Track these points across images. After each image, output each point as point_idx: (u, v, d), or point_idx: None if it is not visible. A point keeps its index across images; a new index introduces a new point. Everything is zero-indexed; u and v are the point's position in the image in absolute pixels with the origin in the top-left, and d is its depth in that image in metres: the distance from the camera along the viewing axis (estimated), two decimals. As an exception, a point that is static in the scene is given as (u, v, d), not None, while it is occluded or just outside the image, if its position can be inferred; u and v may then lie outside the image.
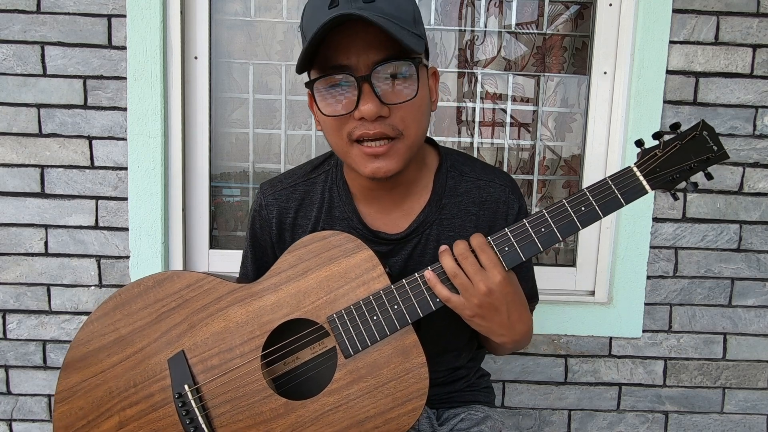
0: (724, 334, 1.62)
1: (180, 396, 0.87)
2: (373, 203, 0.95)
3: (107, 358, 0.90)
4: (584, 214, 0.80)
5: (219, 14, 1.57)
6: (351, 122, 0.80)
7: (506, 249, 0.81)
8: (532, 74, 1.64)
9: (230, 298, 0.88)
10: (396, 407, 0.84)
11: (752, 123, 1.54)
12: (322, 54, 0.78)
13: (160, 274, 0.91)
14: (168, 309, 0.89)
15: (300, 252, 0.87)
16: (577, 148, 1.66)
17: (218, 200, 1.65)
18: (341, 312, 0.85)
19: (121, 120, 1.48)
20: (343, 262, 0.86)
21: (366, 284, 0.85)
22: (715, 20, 1.49)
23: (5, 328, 1.55)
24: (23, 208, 1.51)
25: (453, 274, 0.80)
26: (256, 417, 0.86)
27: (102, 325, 0.90)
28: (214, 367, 0.87)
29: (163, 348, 0.89)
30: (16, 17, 1.44)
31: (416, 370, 0.84)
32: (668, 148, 0.81)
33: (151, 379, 0.89)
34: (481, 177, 0.97)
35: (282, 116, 1.62)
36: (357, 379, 0.84)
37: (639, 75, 1.50)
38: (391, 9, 0.77)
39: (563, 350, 1.62)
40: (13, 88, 1.46)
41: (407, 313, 0.83)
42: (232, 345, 0.87)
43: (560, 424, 1.66)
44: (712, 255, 1.58)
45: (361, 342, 0.84)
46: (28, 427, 1.60)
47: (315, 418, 0.85)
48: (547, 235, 0.80)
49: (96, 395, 0.90)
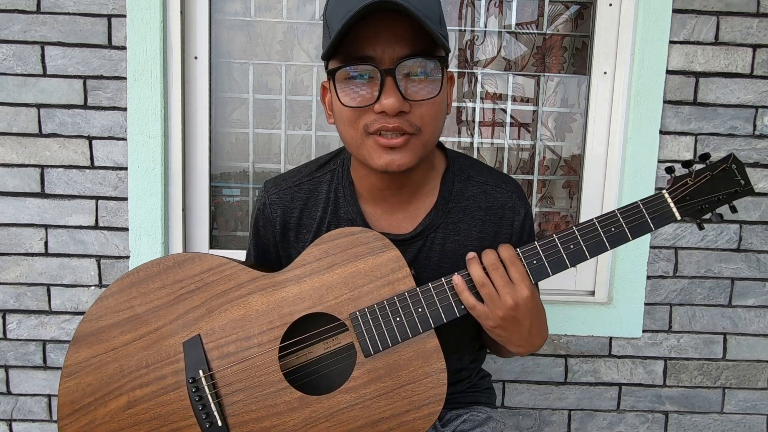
0: (724, 334, 1.62)
1: (194, 381, 0.85)
2: (380, 204, 0.94)
3: (120, 336, 0.87)
4: (613, 235, 0.81)
5: (219, 14, 1.57)
6: (369, 114, 0.79)
7: (534, 263, 0.82)
8: (532, 74, 1.64)
9: (252, 286, 0.87)
10: (412, 410, 0.83)
11: (752, 123, 1.54)
12: (346, 43, 0.77)
13: (181, 255, 0.89)
14: (187, 291, 0.87)
15: (326, 246, 0.86)
16: (577, 148, 1.66)
17: (218, 200, 1.65)
18: (364, 310, 0.84)
19: (121, 120, 1.48)
20: (370, 260, 0.85)
21: (391, 284, 0.84)
22: (715, 20, 1.49)
23: (5, 328, 1.55)
24: (23, 208, 1.51)
25: (481, 284, 0.80)
26: (269, 409, 0.85)
27: (117, 302, 0.88)
28: (230, 355, 0.86)
29: (179, 330, 0.87)
30: (16, 17, 1.44)
31: (435, 375, 0.83)
32: (699, 177, 0.83)
33: (164, 360, 0.87)
34: (488, 182, 0.97)
35: (282, 116, 1.62)
36: (375, 379, 0.84)
37: (639, 75, 1.50)
38: (421, 5, 0.75)
39: (563, 350, 1.62)
40: (13, 88, 1.46)
41: (431, 317, 0.83)
42: (250, 334, 0.86)
43: (560, 424, 1.66)
44: (712, 255, 1.58)
45: (382, 342, 0.83)
46: (28, 427, 1.60)
47: (330, 415, 0.84)
48: (576, 252, 0.82)
49: (105, 372, 0.87)
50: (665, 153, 1.54)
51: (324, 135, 1.63)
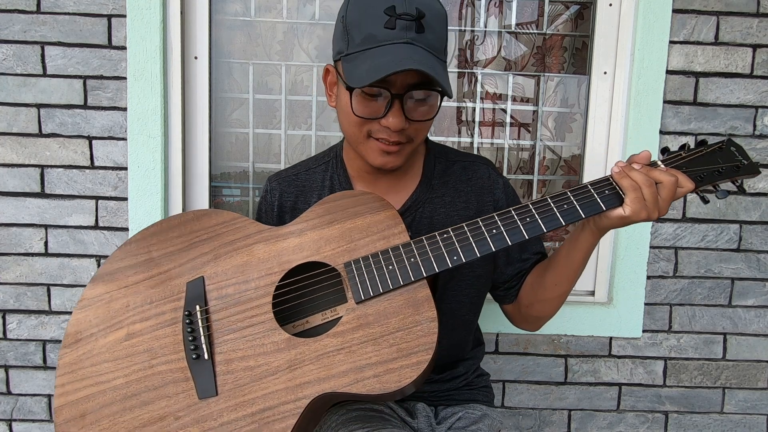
0: (724, 334, 1.62)
1: (189, 314, 0.89)
2: (370, 184, 1.04)
3: (133, 275, 0.93)
4: (607, 196, 0.84)
5: (219, 14, 1.57)
6: (374, 124, 0.90)
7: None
8: (532, 74, 1.64)
9: (258, 237, 0.93)
10: (400, 358, 0.82)
11: (752, 123, 1.54)
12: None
13: (201, 210, 0.98)
14: (199, 240, 0.94)
15: (328, 205, 0.93)
16: (577, 148, 1.66)
17: (218, 200, 1.65)
18: (359, 260, 0.87)
19: (121, 120, 1.48)
20: (368, 218, 0.90)
21: (386, 239, 0.89)
22: (715, 20, 1.49)
23: (5, 328, 1.55)
24: (23, 208, 1.51)
25: (648, 184, 0.81)
26: (256, 348, 0.86)
27: (138, 247, 0.95)
28: (228, 296, 0.90)
29: (186, 272, 0.92)
30: (16, 17, 1.44)
31: (426, 323, 0.83)
32: (692, 151, 0.85)
33: (167, 298, 0.91)
34: (465, 159, 1.09)
35: (282, 116, 1.62)
36: (363, 324, 0.84)
37: (639, 75, 1.50)
38: (435, 41, 0.87)
39: (563, 350, 1.62)
40: (13, 88, 1.46)
41: (423, 266, 0.85)
42: (249, 278, 0.90)
43: (560, 424, 1.66)
44: (712, 255, 1.58)
45: (373, 287, 0.85)
46: (28, 427, 1.60)
47: (315, 358, 0.84)
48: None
49: (113, 307, 0.92)
50: (665, 153, 1.54)
51: (324, 135, 1.63)
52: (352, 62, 0.86)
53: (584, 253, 0.93)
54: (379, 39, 0.84)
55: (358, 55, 0.85)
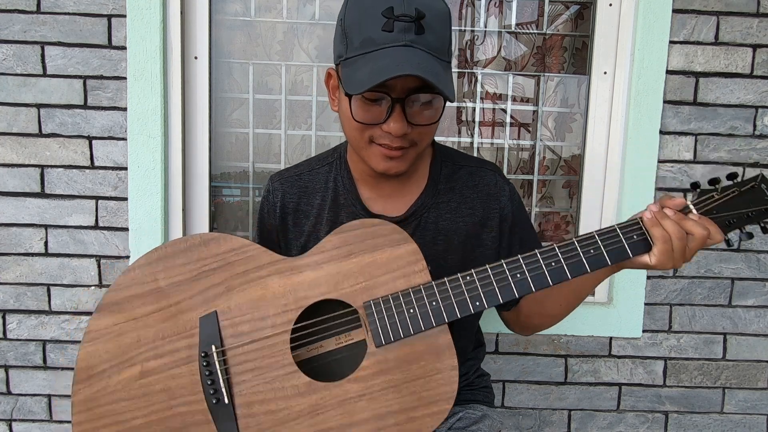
0: (724, 334, 1.62)
1: (205, 356, 0.86)
2: (375, 188, 1.02)
3: (141, 307, 0.89)
4: (636, 243, 0.82)
5: (219, 14, 1.57)
6: (376, 129, 0.87)
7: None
8: (532, 74, 1.64)
9: (271, 268, 0.88)
10: (420, 407, 0.82)
11: (752, 123, 1.54)
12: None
13: (207, 234, 0.92)
14: (209, 269, 0.89)
15: (346, 235, 0.88)
16: (577, 148, 1.66)
17: (218, 200, 1.65)
18: (378, 299, 0.84)
19: (121, 120, 1.48)
20: (387, 252, 0.86)
21: (407, 277, 0.85)
22: (715, 20, 1.49)
23: (5, 328, 1.55)
24: (23, 208, 1.51)
25: (679, 237, 0.79)
26: (276, 391, 0.85)
27: (143, 274, 0.90)
28: (243, 334, 0.87)
29: (197, 306, 0.88)
30: (16, 17, 1.44)
31: (447, 372, 0.82)
32: (725, 193, 0.83)
33: (180, 334, 0.88)
34: (471, 164, 1.06)
35: (282, 116, 1.62)
36: (384, 371, 0.83)
37: (639, 75, 1.50)
38: (436, 42, 0.84)
39: (563, 350, 1.62)
40: (13, 88, 1.46)
41: (445, 311, 0.83)
42: (265, 314, 0.87)
43: (560, 424, 1.66)
44: (712, 255, 1.58)
45: (394, 332, 0.83)
46: (28, 427, 1.60)
47: (337, 404, 0.83)
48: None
49: (124, 341, 0.88)
50: (665, 153, 1.54)
51: (324, 135, 1.63)
52: (350, 67, 0.84)
53: (596, 282, 0.93)
54: (377, 42, 0.81)
55: (357, 60, 0.83)
